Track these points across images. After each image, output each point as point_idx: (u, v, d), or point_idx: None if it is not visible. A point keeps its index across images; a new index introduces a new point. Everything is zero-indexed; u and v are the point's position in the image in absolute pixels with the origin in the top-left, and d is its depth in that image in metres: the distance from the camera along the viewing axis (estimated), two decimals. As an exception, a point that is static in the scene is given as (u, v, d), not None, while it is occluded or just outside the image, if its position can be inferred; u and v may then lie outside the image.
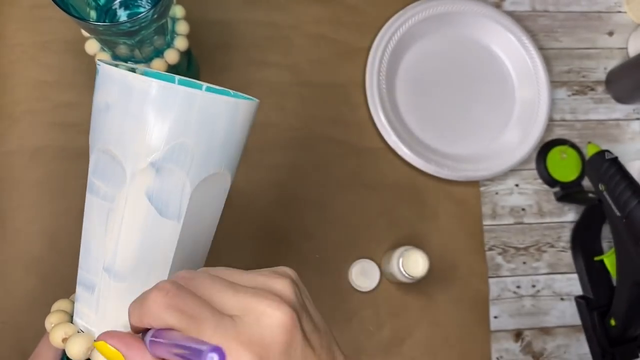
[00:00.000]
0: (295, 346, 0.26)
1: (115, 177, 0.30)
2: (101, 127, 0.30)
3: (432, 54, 0.67)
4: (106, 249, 0.32)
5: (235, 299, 0.26)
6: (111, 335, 0.27)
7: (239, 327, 0.25)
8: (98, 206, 0.31)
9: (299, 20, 0.66)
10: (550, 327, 0.64)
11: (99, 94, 0.30)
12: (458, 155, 0.64)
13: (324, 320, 0.30)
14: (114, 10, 0.49)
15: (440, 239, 0.63)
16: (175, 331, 0.25)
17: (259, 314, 0.25)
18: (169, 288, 0.25)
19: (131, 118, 0.29)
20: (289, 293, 0.27)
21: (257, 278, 0.27)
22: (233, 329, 0.25)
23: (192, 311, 0.25)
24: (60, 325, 0.33)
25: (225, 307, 0.26)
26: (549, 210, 0.66)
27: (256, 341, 0.25)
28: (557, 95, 0.70)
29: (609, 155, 0.59)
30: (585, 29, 0.72)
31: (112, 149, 0.30)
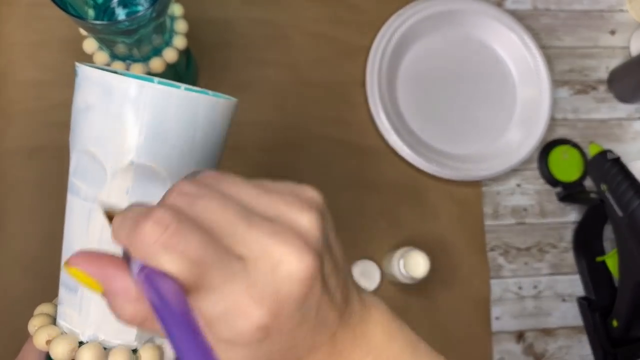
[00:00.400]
0: (312, 298, 0.22)
1: (95, 177, 0.30)
2: (81, 127, 0.30)
3: (433, 53, 0.67)
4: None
5: (251, 236, 0.21)
6: (84, 258, 0.21)
7: (250, 276, 0.20)
8: (79, 207, 0.31)
9: (298, 19, 0.65)
10: (552, 328, 0.63)
11: (78, 95, 0.30)
12: (459, 155, 0.64)
13: (343, 250, 0.26)
14: (112, 8, 0.49)
15: (442, 240, 0.62)
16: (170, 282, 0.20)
17: (277, 260, 0.21)
18: (170, 222, 0.20)
19: (111, 118, 0.29)
20: (314, 233, 0.22)
21: (279, 206, 0.22)
22: (244, 279, 0.20)
23: (196, 255, 0.20)
24: (43, 328, 0.32)
25: (237, 243, 0.21)
26: (550, 211, 0.66)
27: (271, 295, 0.20)
28: (559, 94, 0.69)
29: (611, 155, 0.59)
30: (587, 28, 0.72)
31: (92, 149, 0.30)
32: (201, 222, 0.21)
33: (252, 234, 0.21)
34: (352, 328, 0.26)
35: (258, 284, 0.20)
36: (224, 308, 0.20)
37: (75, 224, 0.32)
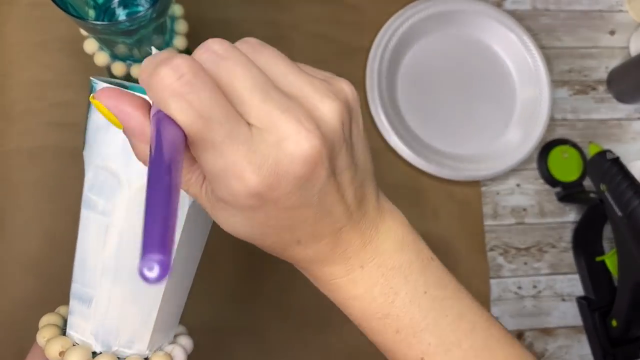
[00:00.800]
0: (314, 182, 0.22)
1: (115, 193, 0.31)
2: (100, 144, 0.31)
3: (432, 53, 0.67)
4: (104, 263, 0.32)
5: (263, 108, 0.21)
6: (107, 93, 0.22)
7: (254, 143, 0.21)
8: (95, 221, 0.32)
9: (298, 19, 0.65)
10: (552, 328, 0.64)
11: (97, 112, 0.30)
12: (459, 155, 0.64)
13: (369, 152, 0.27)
14: (112, 9, 0.49)
15: (441, 239, 0.62)
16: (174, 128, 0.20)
17: (283, 136, 0.21)
18: (186, 71, 0.20)
19: None
20: (332, 120, 0.22)
21: (305, 88, 0.23)
22: (246, 144, 0.21)
23: (205, 108, 0.20)
24: (55, 339, 0.33)
25: (249, 112, 0.21)
26: (550, 211, 0.66)
27: (270, 166, 0.21)
28: (559, 94, 0.69)
29: (610, 155, 0.59)
30: (586, 28, 0.72)
31: (112, 165, 0.30)
32: (219, 82, 0.21)
33: (265, 106, 0.21)
34: (362, 230, 0.27)
35: (259, 152, 0.21)
36: (223, 166, 0.21)
37: (90, 238, 0.32)
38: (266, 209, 0.22)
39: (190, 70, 0.20)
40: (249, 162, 0.21)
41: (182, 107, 0.20)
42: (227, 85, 0.21)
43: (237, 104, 0.21)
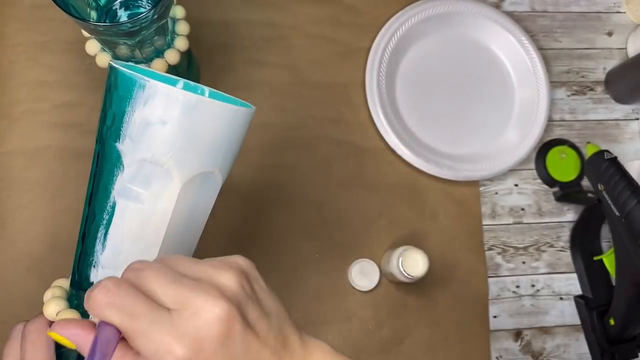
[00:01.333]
0: (234, 337, 0.27)
1: (164, 185, 0.33)
2: (150, 139, 0.32)
3: (431, 54, 0.67)
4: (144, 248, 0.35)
5: (176, 292, 0.27)
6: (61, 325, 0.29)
7: (175, 320, 0.26)
8: (136, 211, 0.34)
9: (298, 20, 0.66)
10: (550, 327, 0.64)
11: (147, 108, 0.32)
12: (457, 155, 0.64)
13: (279, 303, 0.32)
14: (114, 10, 0.49)
15: (440, 239, 0.63)
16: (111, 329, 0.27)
17: (197, 308, 0.26)
18: (110, 286, 0.27)
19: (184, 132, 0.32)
20: (231, 285, 0.28)
21: (206, 269, 0.29)
22: (168, 323, 0.26)
23: (129, 308, 0.26)
24: (55, 299, 0.36)
25: (166, 300, 0.27)
26: (548, 210, 0.66)
27: (190, 334, 0.26)
28: (557, 95, 0.70)
29: (608, 155, 0.59)
30: (584, 29, 0.72)
31: (163, 159, 0.32)
32: (139, 286, 0.27)
33: (178, 290, 0.27)
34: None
35: (180, 326, 0.26)
36: (153, 348, 0.26)
37: (128, 227, 0.34)
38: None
39: (114, 284, 0.27)
40: (173, 337, 0.26)
41: (112, 312, 0.26)
42: (147, 286, 0.27)
43: (157, 298, 0.27)
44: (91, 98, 0.59)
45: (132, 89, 0.32)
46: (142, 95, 0.32)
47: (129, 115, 0.32)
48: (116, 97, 0.32)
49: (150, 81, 0.31)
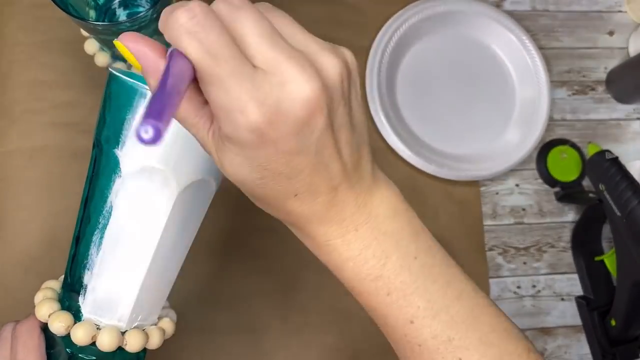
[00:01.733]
0: (312, 128, 0.24)
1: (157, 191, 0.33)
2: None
3: (432, 54, 0.67)
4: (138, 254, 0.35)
5: (271, 52, 0.23)
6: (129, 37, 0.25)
7: (259, 82, 0.23)
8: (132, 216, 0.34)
9: (299, 19, 0.65)
10: (551, 328, 0.64)
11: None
12: (458, 155, 0.64)
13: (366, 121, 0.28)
14: (113, 9, 0.49)
15: (441, 239, 0.62)
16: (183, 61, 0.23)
17: (287, 78, 0.23)
18: (198, 12, 0.23)
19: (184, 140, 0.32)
20: (333, 72, 0.24)
21: (310, 44, 0.25)
22: (250, 82, 0.22)
23: (213, 46, 0.22)
24: (46, 301, 0.36)
25: (256, 56, 0.23)
26: (549, 210, 0.66)
27: (271, 104, 0.23)
28: (558, 95, 0.69)
29: (609, 155, 0.59)
30: (585, 29, 0.72)
31: (158, 165, 0.32)
32: (230, 27, 0.23)
33: (271, 51, 0.23)
34: (357, 193, 0.28)
35: (262, 90, 0.22)
36: (227, 100, 0.23)
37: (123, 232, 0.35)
38: (266, 150, 0.24)
39: (202, 12, 0.23)
40: (252, 97, 0.22)
41: (192, 44, 0.22)
42: (238, 31, 0.23)
43: (245, 48, 0.23)
44: (90, 97, 0.59)
45: (133, 98, 0.32)
46: (143, 104, 0.32)
47: (129, 123, 0.32)
48: (116, 104, 0.33)
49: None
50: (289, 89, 0.23)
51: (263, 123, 0.23)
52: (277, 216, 0.28)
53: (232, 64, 0.22)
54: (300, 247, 0.61)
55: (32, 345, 0.35)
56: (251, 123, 0.23)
